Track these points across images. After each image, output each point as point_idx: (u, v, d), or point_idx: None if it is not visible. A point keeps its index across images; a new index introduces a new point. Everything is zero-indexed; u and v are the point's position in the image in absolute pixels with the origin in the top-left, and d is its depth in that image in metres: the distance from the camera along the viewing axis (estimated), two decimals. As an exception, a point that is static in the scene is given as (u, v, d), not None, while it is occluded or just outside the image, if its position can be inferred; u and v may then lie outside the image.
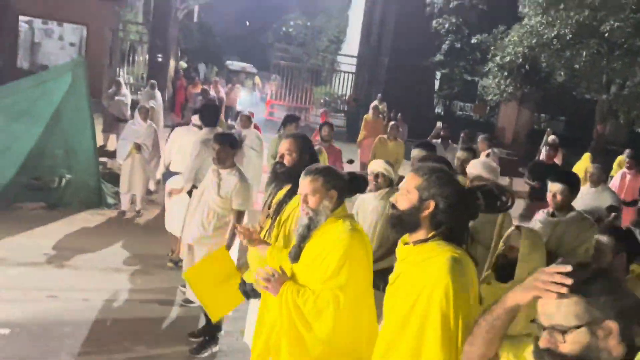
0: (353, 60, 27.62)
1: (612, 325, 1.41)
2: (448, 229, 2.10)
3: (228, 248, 4.27)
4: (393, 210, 2.21)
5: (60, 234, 6.76)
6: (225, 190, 4.40)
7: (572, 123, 20.70)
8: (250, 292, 3.26)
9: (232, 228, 4.36)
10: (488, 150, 9.21)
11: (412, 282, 2.06)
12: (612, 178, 9.57)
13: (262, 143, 8.19)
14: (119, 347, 4.38)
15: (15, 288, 5.14)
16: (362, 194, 4.05)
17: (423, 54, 19.08)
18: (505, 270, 2.79)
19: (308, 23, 36.04)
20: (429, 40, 19.05)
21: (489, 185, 2.23)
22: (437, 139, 8.69)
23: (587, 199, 5.68)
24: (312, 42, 34.94)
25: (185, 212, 4.91)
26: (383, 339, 2.18)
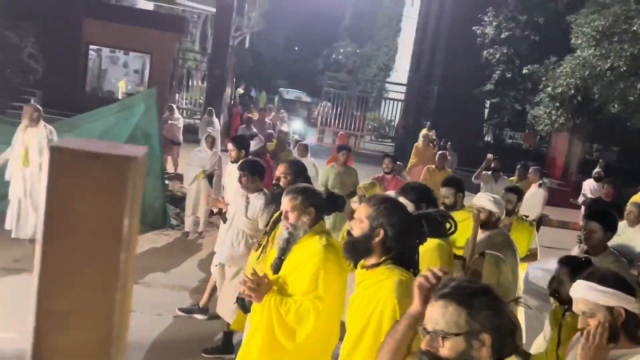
0: (401, 88, 27.96)
1: (486, 338, 1.57)
2: (398, 254, 2.29)
3: None
4: (348, 237, 2.39)
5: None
6: (252, 212, 4.68)
7: (625, 153, 20.31)
8: (248, 305, 3.34)
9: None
10: (539, 182, 9.33)
11: (365, 303, 2.25)
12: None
13: (318, 171, 8.59)
14: None
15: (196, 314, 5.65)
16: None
17: (473, 83, 19.24)
18: None
19: (357, 50, 36.67)
20: (479, 70, 19.22)
21: (433, 213, 2.42)
22: (487, 171, 8.82)
23: (623, 237, 5.46)
24: (361, 69, 35.51)
25: (220, 233, 5.33)
26: (342, 355, 2.38)
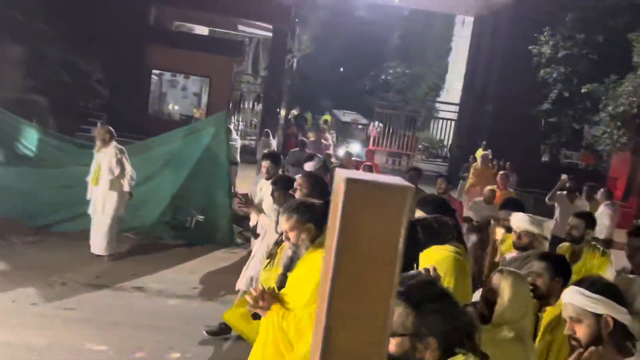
0: (453, 107, 27.84)
1: (432, 342, 1.59)
2: None
3: None
4: None
5: (204, 270, 7.51)
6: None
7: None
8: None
9: None
10: (607, 202, 9.14)
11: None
12: None
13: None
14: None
15: (177, 317, 5.85)
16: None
17: (529, 103, 18.99)
18: (488, 312, 2.85)
19: (407, 71, 36.78)
20: (536, 89, 18.96)
21: (429, 219, 2.43)
22: (562, 191, 8.66)
23: None
24: (410, 89, 35.56)
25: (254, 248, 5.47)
26: None
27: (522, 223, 4.01)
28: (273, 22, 18.78)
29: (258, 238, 5.23)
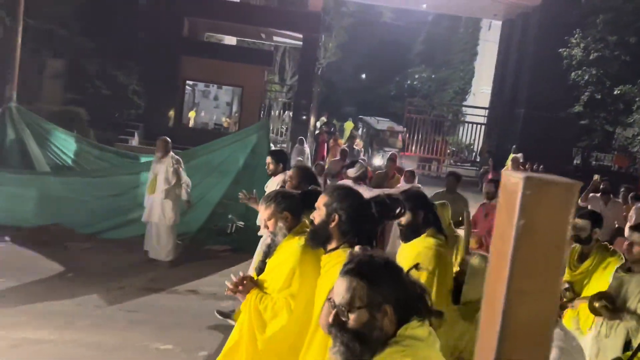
0: (480, 111, 27.76)
1: (388, 310, 1.68)
2: (353, 237, 2.41)
3: None
4: (310, 225, 2.56)
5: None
6: None
7: None
8: None
9: None
10: (638, 204, 9.11)
11: (326, 286, 2.29)
12: None
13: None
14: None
15: (232, 319, 6.07)
16: None
17: (560, 106, 18.91)
18: (458, 293, 2.99)
19: (433, 75, 36.80)
20: (567, 92, 18.88)
21: (382, 196, 2.53)
22: (595, 192, 8.66)
23: None
24: (436, 94, 35.57)
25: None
26: (309, 333, 2.52)
27: None
28: (303, 31, 19.07)
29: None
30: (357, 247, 2.19)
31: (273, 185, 5.94)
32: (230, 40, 26.83)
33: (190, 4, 18.14)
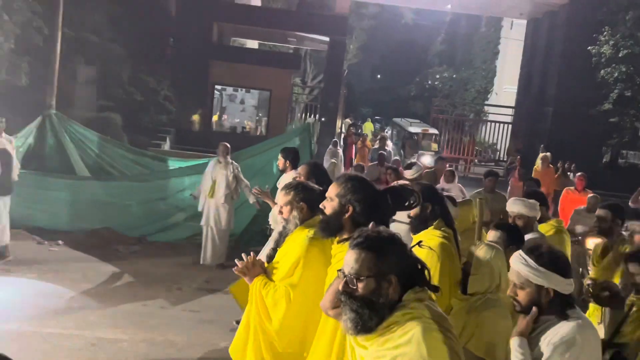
0: (503, 110, 27.59)
1: (393, 279, 1.85)
2: (366, 227, 2.42)
3: None
4: (322, 216, 2.56)
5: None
6: None
7: None
8: None
9: None
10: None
11: (336, 274, 2.24)
12: None
13: (466, 197, 8.84)
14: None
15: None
16: None
17: (589, 103, 18.82)
18: (466, 283, 3.01)
19: (454, 75, 36.68)
20: (595, 89, 18.78)
21: (397, 187, 2.58)
22: None
23: None
24: (458, 93, 35.44)
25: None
26: (321, 319, 2.54)
27: (516, 207, 4.23)
28: (330, 33, 19.21)
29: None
30: (371, 224, 2.25)
31: (285, 182, 6.02)
32: (253, 44, 27.09)
33: (220, 10, 18.38)
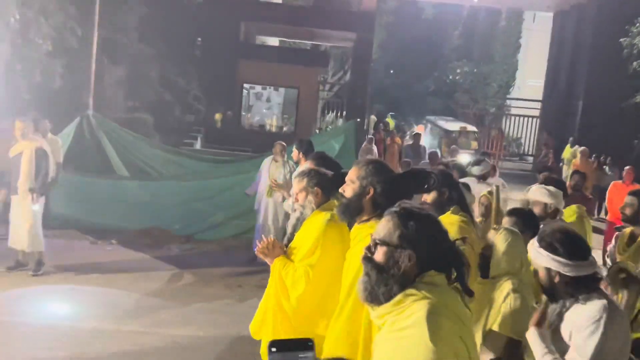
0: (528, 104, 27.38)
1: (410, 256, 1.80)
2: (386, 209, 2.42)
3: None
4: (341, 198, 2.61)
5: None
6: None
7: None
8: None
9: None
10: None
11: (357, 257, 2.29)
12: None
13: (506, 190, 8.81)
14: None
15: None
16: None
17: (621, 96, 18.59)
18: (486, 267, 3.06)
19: (475, 70, 36.42)
20: (627, 82, 18.55)
21: (416, 169, 2.62)
22: None
23: None
24: (478, 88, 35.19)
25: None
26: (340, 301, 2.59)
27: (536, 195, 4.21)
28: (357, 30, 19.16)
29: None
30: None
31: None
32: (274, 42, 27.11)
33: (247, 9, 18.42)
